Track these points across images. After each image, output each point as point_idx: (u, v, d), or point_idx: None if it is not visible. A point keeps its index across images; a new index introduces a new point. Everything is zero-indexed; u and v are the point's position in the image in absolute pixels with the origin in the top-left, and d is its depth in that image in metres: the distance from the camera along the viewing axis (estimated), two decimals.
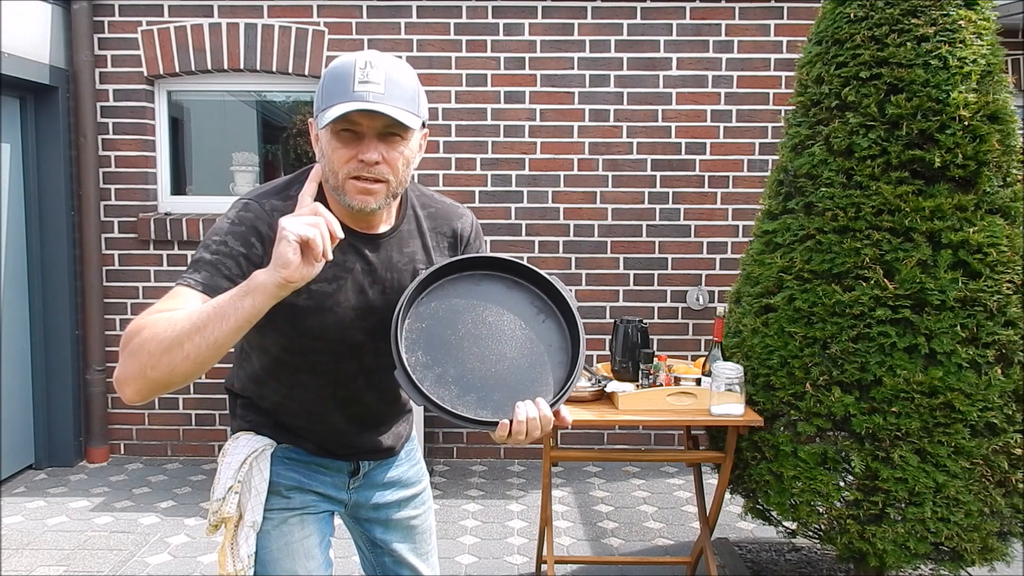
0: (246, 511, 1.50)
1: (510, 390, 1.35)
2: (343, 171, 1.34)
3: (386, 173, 1.35)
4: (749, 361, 2.64)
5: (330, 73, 1.34)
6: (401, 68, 1.35)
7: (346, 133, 1.33)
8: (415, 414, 1.85)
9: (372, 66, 1.31)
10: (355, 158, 1.33)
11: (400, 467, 1.72)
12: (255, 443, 1.54)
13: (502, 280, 1.44)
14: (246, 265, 1.34)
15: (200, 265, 1.33)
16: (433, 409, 1.30)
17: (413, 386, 1.30)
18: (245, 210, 1.40)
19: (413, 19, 4.25)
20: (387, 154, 1.34)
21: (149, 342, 1.20)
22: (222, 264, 1.33)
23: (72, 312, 4.25)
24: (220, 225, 1.39)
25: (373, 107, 1.28)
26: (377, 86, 1.29)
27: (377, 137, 1.33)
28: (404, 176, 1.39)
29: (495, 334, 1.40)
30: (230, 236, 1.36)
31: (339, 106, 1.28)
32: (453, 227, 1.59)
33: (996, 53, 2.44)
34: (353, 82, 1.29)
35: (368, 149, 1.32)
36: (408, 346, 1.34)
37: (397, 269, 1.49)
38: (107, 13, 4.26)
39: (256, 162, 4.62)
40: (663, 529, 3.57)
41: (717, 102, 4.30)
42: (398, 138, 1.34)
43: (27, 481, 4.08)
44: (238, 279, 1.32)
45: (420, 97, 1.37)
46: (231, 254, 1.34)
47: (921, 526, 2.34)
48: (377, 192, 1.36)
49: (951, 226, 2.35)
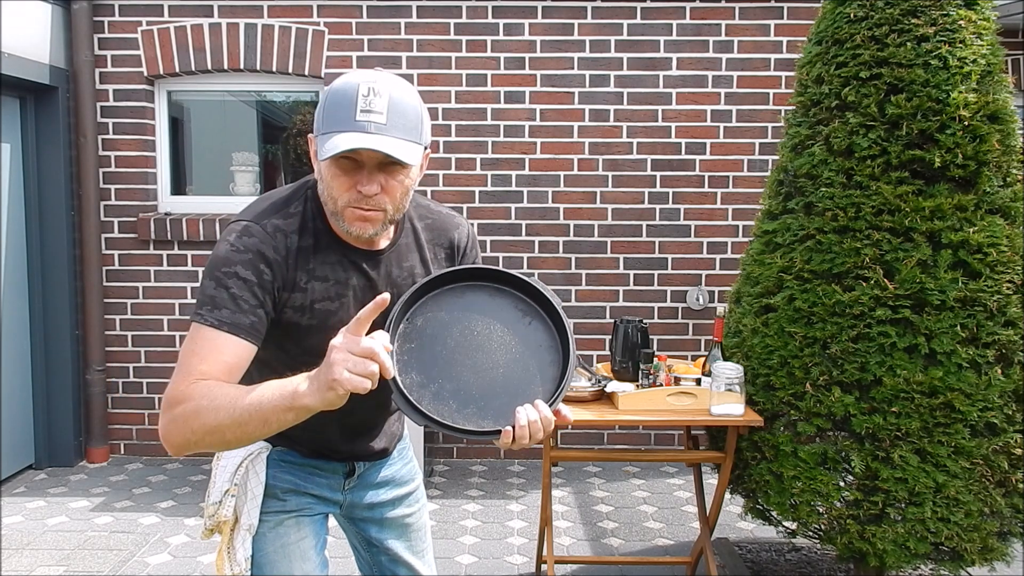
0: (242, 514, 1.50)
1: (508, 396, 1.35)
2: (342, 200, 1.34)
3: (384, 203, 1.34)
4: (749, 361, 2.63)
5: (332, 95, 1.32)
6: (404, 93, 1.33)
7: (346, 161, 1.32)
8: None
9: (375, 93, 1.29)
10: (354, 188, 1.32)
11: (393, 466, 1.73)
12: (250, 447, 1.54)
13: (484, 289, 1.44)
14: (261, 294, 1.35)
15: (218, 302, 1.32)
16: (435, 427, 1.30)
17: (412, 407, 1.30)
18: (247, 234, 1.37)
19: (413, 19, 4.24)
20: (386, 184, 1.33)
21: (193, 420, 1.24)
22: (240, 298, 1.32)
23: (72, 312, 4.25)
24: (224, 253, 1.36)
25: (373, 146, 1.26)
26: (379, 116, 1.28)
27: (377, 167, 1.32)
28: (402, 204, 1.39)
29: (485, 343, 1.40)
30: (239, 266, 1.34)
31: (340, 137, 1.27)
32: (450, 238, 1.59)
33: (996, 53, 2.44)
34: (355, 110, 1.28)
35: (368, 181, 1.32)
36: (401, 368, 1.34)
37: (396, 284, 1.50)
38: (107, 13, 4.26)
39: (256, 162, 4.62)
40: (663, 529, 3.57)
41: (717, 102, 4.30)
42: (398, 167, 1.33)
43: (27, 481, 4.08)
44: (258, 310, 1.34)
45: (423, 123, 1.36)
46: (245, 285, 1.33)
47: (921, 526, 2.34)
48: (375, 220, 1.36)
49: (951, 226, 2.34)
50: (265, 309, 1.36)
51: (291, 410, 1.21)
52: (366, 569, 1.78)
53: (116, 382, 4.44)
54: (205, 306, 1.32)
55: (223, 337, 1.30)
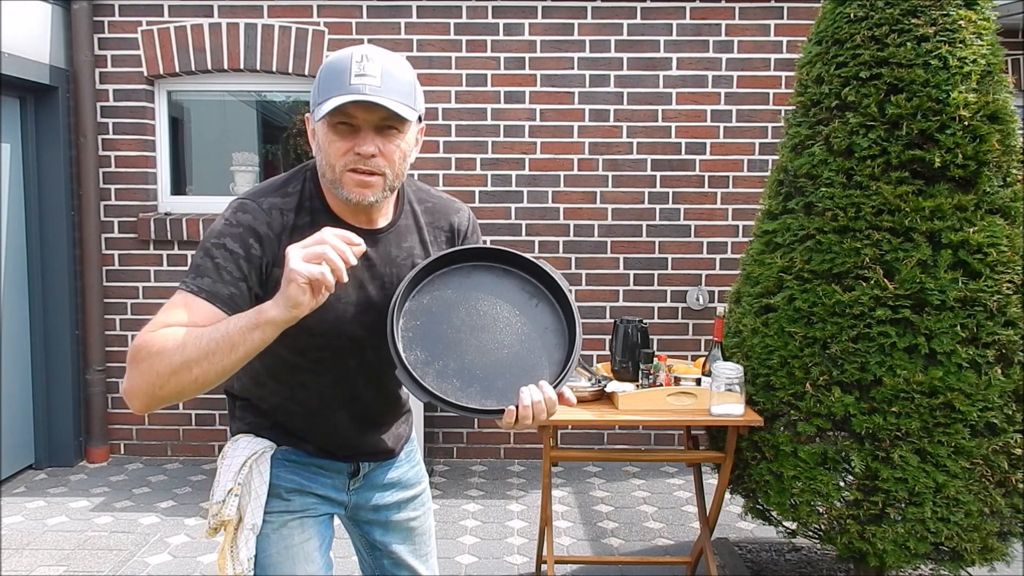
0: (246, 514, 1.50)
1: (512, 376, 1.36)
2: (340, 164, 1.34)
3: (383, 166, 1.35)
4: (749, 361, 2.64)
5: (326, 67, 1.34)
6: (397, 62, 1.35)
7: (343, 126, 1.33)
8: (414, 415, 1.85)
9: (368, 59, 1.31)
10: (351, 151, 1.33)
11: (400, 468, 1.72)
12: (255, 445, 1.54)
13: (491, 269, 1.45)
14: (247, 267, 1.35)
15: (201, 270, 1.33)
16: (438, 403, 1.31)
17: (416, 383, 1.31)
18: (242, 210, 1.39)
19: (413, 19, 4.25)
20: (384, 147, 1.34)
21: (158, 362, 1.22)
22: (223, 269, 1.33)
23: (72, 312, 4.25)
24: (217, 227, 1.39)
25: (369, 99, 1.28)
26: (373, 79, 1.30)
27: (374, 130, 1.33)
28: (401, 169, 1.39)
29: (491, 323, 1.41)
30: (228, 238, 1.36)
31: (336, 98, 1.28)
32: (450, 221, 1.59)
33: (996, 53, 2.44)
34: (349, 75, 1.29)
35: (365, 142, 1.33)
36: (406, 344, 1.35)
37: (395, 264, 1.50)
38: (107, 13, 4.26)
39: (256, 162, 4.62)
40: (663, 529, 3.57)
41: (717, 102, 4.30)
42: (395, 131, 1.35)
43: (27, 481, 4.08)
44: (240, 283, 1.33)
45: (416, 91, 1.37)
46: (231, 257, 1.34)
47: (921, 526, 2.34)
48: (374, 185, 1.36)
49: (951, 226, 2.35)
50: (248, 283, 1.35)
51: (256, 327, 1.20)
52: (368, 571, 1.77)
53: (116, 382, 4.43)
54: (190, 274, 1.34)
55: (198, 302, 1.30)
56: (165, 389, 1.23)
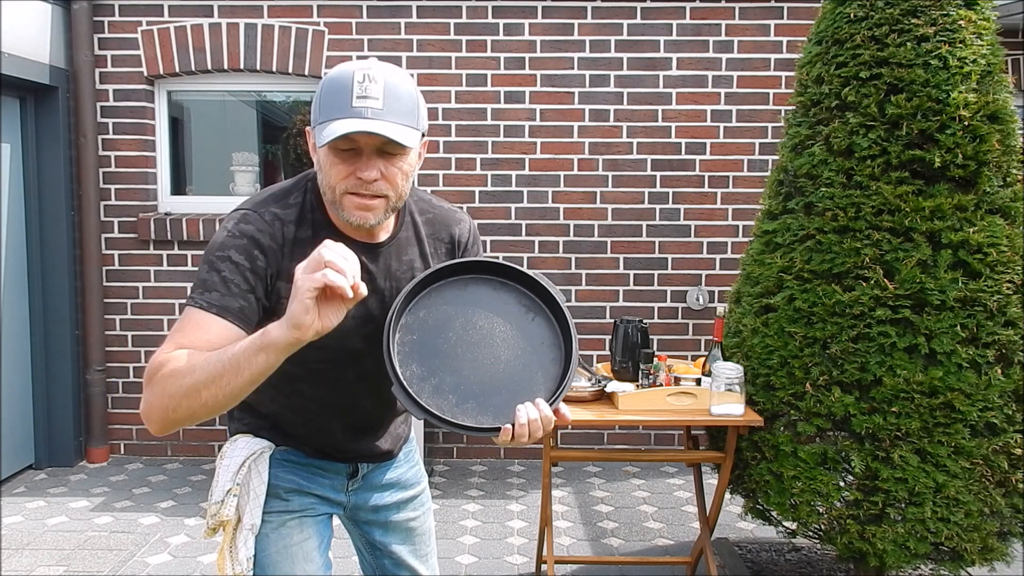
0: (244, 514, 1.50)
1: (508, 393, 1.34)
2: (340, 187, 1.33)
3: (385, 189, 1.34)
4: (749, 361, 2.63)
5: (328, 84, 1.32)
6: (400, 79, 1.33)
7: (344, 151, 1.31)
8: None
9: (371, 79, 1.29)
10: (353, 175, 1.32)
11: (399, 469, 1.72)
12: (253, 445, 1.54)
13: (488, 282, 1.43)
14: (253, 279, 1.35)
15: (208, 285, 1.32)
16: (434, 421, 1.29)
17: (411, 400, 1.29)
18: (244, 221, 1.38)
19: (413, 19, 4.24)
20: (386, 170, 1.33)
21: (169, 384, 1.22)
22: (231, 281, 1.33)
23: (72, 312, 4.25)
24: (220, 239, 1.37)
25: (371, 128, 1.26)
26: (375, 101, 1.28)
27: (376, 153, 1.32)
28: (403, 190, 1.38)
29: (487, 338, 1.39)
30: (232, 250, 1.35)
31: (337, 123, 1.27)
32: (451, 232, 1.58)
33: (996, 53, 2.44)
34: (351, 96, 1.28)
35: (367, 167, 1.31)
36: (402, 360, 1.33)
37: (395, 277, 1.49)
38: (107, 13, 4.26)
39: (256, 162, 4.62)
40: (663, 529, 3.57)
41: (717, 102, 4.30)
42: (397, 152, 1.33)
43: (27, 481, 4.08)
44: (248, 295, 1.33)
45: (419, 108, 1.35)
46: (237, 269, 1.34)
47: (921, 526, 2.34)
48: (376, 208, 1.35)
49: (951, 226, 2.34)
50: (256, 295, 1.35)
51: (260, 350, 1.19)
52: (369, 571, 1.77)
53: (116, 382, 4.44)
54: (197, 289, 1.33)
55: (209, 318, 1.30)
56: (178, 412, 1.23)
